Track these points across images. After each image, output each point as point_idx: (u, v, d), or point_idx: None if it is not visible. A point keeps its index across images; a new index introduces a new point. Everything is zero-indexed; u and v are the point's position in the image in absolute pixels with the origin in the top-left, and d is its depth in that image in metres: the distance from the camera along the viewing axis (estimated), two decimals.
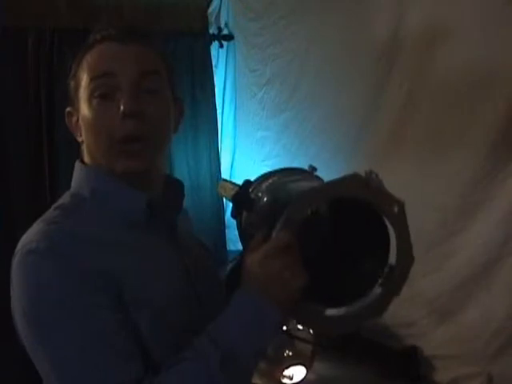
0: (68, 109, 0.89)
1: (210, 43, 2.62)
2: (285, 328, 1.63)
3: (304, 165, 2.15)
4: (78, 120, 0.87)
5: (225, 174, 2.71)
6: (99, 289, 0.74)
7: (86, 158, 0.89)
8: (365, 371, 1.60)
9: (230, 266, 1.08)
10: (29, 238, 0.78)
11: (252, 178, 1.06)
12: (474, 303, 1.41)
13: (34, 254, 0.75)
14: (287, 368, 1.62)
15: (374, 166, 1.91)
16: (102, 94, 0.83)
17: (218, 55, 2.66)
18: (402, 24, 1.61)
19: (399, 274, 0.79)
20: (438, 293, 1.49)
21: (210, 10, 2.64)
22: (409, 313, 1.55)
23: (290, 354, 1.63)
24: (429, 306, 1.50)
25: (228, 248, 2.65)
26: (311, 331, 1.71)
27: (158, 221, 0.87)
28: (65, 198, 0.87)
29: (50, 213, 0.84)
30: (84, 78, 0.85)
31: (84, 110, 0.84)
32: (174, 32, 2.42)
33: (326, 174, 2.04)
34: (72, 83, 0.88)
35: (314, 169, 1.03)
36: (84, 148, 0.89)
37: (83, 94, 0.85)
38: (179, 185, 0.96)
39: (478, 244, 1.40)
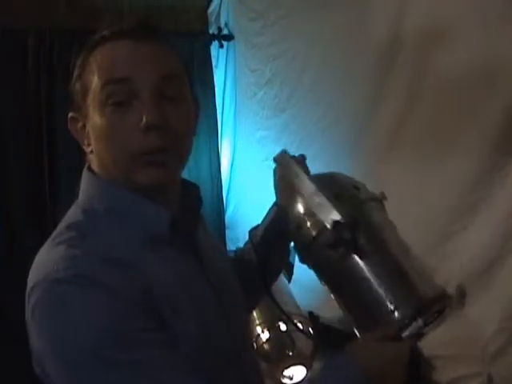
0: (71, 114, 0.81)
1: (210, 43, 2.62)
2: (285, 328, 1.63)
3: None
4: (84, 126, 0.79)
5: (225, 174, 2.71)
6: (144, 314, 0.69)
7: (96, 168, 0.80)
8: None
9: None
10: (49, 265, 0.70)
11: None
12: (474, 303, 1.41)
13: (63, 284, 0.67)
14: (287, 368, 1.62)
15: (375, 165, 1.93)
16: (117, 102, 0.74)
17: (218, 55, 2.66)
18: (402, 24, 1.61)
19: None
20: None
21: (210, 9, 2.64)
22: None
23: (290, 353, 1.63)
24: None
25: (228, 248, 2.66)
26: (311, 331, 1.71)
27: (179, 234, 0.80)
28: (77, 215, 0.79)
29: (63, 233, 0.75)
30: (94, 82, 0.75)
31: (95, 118, 0.75)
32: (173, 32, 2.42)
33: None
34: (77, 86, 0.79)
35: (384, 197, 1.03)
36: (93, 157, 0.79)
37: (93, 100, 0.75)
38: (195, 189, 0.91)
39: (478, 244, 1.40)
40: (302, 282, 1.25)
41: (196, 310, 0.77)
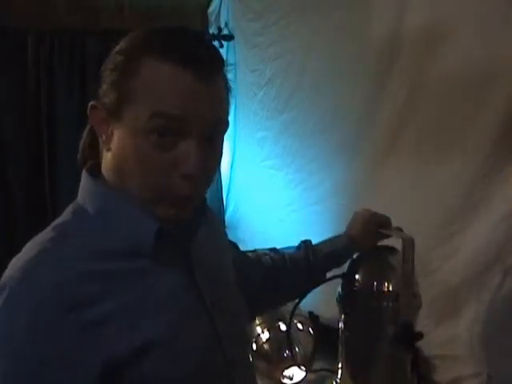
0: (94, 103, 0.76)
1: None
2: (285, 328, 1.63)
3: (304, 165, 2.15)
4: (107, 123, 0.75)
5: (225, 174, 2.71)
6: (81, 354, 0.67)
7: (107, 169, 0.78)
8: None
9: None
10: (17, 265, 0.70)
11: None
12: (474, 303, 1.41)
13: (11, 295, 0.67)
14: (287, 368, 1.62)
15: (374, 166, 1.93)
16: (163, 133, 0.70)
17: None
18: (402, 24, 1.61)
19: None
20: (438, 293, 1.49)
21: (210, 9, 2.63)
22: None
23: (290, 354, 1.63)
24: (429, 306, 1.50)
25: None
26: (311, 332, 1.71)
27: (168, 246, 0.78)
28: (66, 215, 0.78)
29: (47, 233, 0.75)
30: (140, 104, 0.70)
31: (133, 137, 0.72)
32: None
33: (326, 174, 2.04)
34: (113, 90, 0.73)
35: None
36: (109, 157, 0.77)
37: (135, 121, 0.71)
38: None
39: (478, 244, 1.40)
40: None
41: (170, 328, 0.75)
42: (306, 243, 1.20)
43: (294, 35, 2.10)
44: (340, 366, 1.22)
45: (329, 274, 1.20)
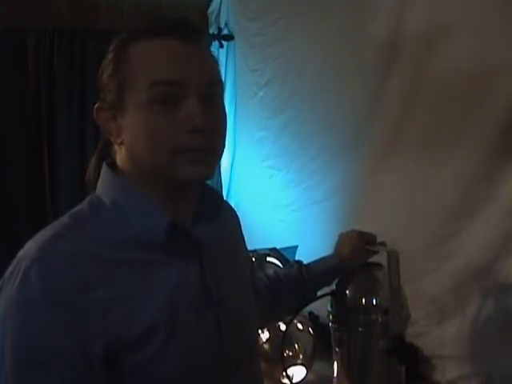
0: (99, 105, 0.80)
1: (210, 43, 2.62)
2: (285, 328, 1.63)
3: (304, 165, 2.15)
4: (114, 118, 0.78)
5: (225, 174, 2.71)
6: (88, 336, 0.69)
7: (122, 160, 0.81)
8: None
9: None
10: (33, 248, 0.73)
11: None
12: (474, 303, 1.41)
13: (25, 275, 0.70)
14: (287, 368, 1.62)
15: (374, 166, 1.92)
16: (164, 101, 0.74)
17: (218, 55, 2.66)
18: (402, 23, 1.61)
19: None
20: (437, 293, 1.49)
21: (210, 9, 2.64)
22: None
23: (290, 354, 1.63)
24: (429, 305, 1.50)
25: None
26: (312, 332, 1.71)
27: (180, 241, 0.80)
28: (83, 205, 0.81)
29: (63, 219, 0.78)
30: (140, 79, 0.75)
31: (138, 114, 0.75)
32: None
33: (326, 174, 2.04)
34: (112, 80, 0.77)
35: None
36: (122, 149, 0.80)
37: (137, 96, 0.75)
38: (215, 194, 0.91)
39: (478, 244, 1.40)
40: None
41: (171, 320, 0.76)
42: (298, 262, 1.24)
43: (293, 35, 2.10)
44: (336, 376, 1.23)
45: (318, 293, 1.24)
